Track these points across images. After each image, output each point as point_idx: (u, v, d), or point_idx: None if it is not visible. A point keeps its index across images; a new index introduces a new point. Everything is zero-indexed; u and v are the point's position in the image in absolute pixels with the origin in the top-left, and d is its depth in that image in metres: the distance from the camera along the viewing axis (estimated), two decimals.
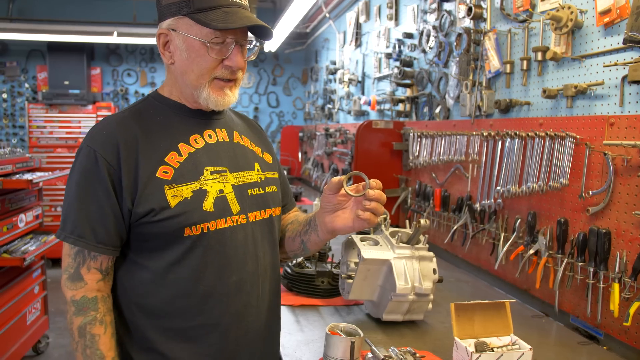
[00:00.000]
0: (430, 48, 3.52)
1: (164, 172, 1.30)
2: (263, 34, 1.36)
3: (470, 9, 2.82)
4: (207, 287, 1.33)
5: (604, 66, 1.98)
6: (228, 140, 1.46)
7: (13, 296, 3.73)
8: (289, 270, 2.42)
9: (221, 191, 1.35)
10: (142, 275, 1.33)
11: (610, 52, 1.97)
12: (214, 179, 1.36)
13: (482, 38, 2.79)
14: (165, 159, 1.32)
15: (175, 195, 1.29)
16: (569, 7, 2.10)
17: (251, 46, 1.39)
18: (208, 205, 1.32)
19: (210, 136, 1.42)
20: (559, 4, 2.19)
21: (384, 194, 1.33)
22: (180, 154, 1.34)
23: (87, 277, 1.29)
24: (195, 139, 1.39)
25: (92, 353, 1.27)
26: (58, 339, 4.60)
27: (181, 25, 1.32)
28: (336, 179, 1.34)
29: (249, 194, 1.42)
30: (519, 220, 2.39)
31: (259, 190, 1.45)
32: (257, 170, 1.48)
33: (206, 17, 1.28)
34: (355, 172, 1.36)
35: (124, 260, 1.36)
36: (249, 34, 1.39)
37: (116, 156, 1.27)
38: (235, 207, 1.37)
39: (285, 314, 2.14)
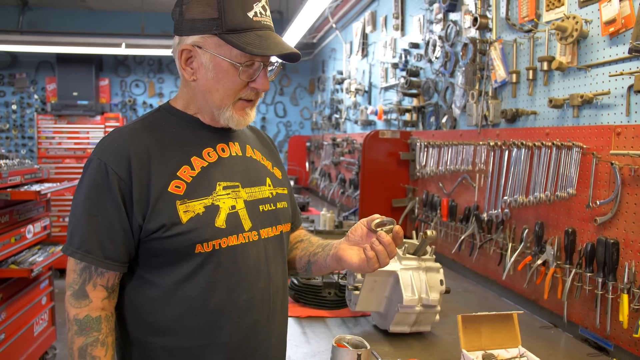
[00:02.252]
0: (436, 58, 3.53)
1: (176, 186, 1.27)
2: (291, 57, 1.34)
3: (475, 19, 2.83)
4: (217, 306, 1.30)
5: (610, 76, 1.98)
6: (241, 155, 1.43)
7: (21, 307, 3.74)
8: (295, 281, 2.42)
9: (233, 207, 1.32)
10: (151, 291, 1.30)
11: (615, 61, 1.97)
12: (227, 194, 1.33)
13: (487, 48, 2.79)
14: (178, 173, 1.29)
15: (187, 210, 1.26)
16: (574, 17, 2.10)
17: (273, 67, 1.37)
18: (220, 221, 1.29)
19: (223, 150, 1.39)
20: (564, 14, 2.19)
21: (395, 251, 1.31)
22: (192, 168, 1.31)
23: (93, 295, 1.26)
24: (208, 153, 1.35)
25: None
26: (65, 350, 4.59)
27: (209, 43, 1.28)
28: (378, 217, 1.34)
29: (261, 210, 1.39)
30: (526, 230, 2.38)
31: (271, 206, 1.42)
32: (269, 185, 1.45)
33: (239, 40, 1.25)
34: (391, 220, 1.34)
35: (133, 276, 1.33)
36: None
37: (127, 170, 1.25)
38: (247, 224, 1.34)
39: (291, 325, 2.14)
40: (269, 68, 1.36)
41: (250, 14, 1.27)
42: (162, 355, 1.31)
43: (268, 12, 1.33)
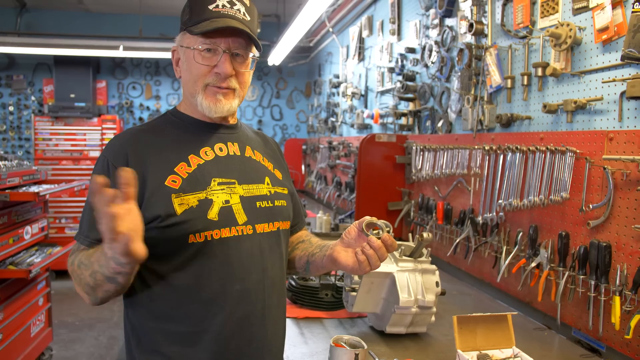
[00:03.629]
0: (432, 63, 3.57)
1: (173, 181, 1.36)
2: (255, 43, 1.43)
3: (471, 25, 2.87)
4: (210, 294, 1.37)
5: (603, 82, 2.02)
6: (239, 154, 1.51)
7: (18, 308, 3.74)
8: (293, 282, 2.45)
9: (227, 202, 1.40)
10: (150, 279, 1.38)
11: (608, 68, 2.01)
12: (221, 189, 1.40)
13: (483, 53, 2.83)
14: (175, 169, 1.38)
15: (182, 203, 1.34)
16: (568, 24, 2.15)
17: (246, 57, 1.44)
18: (212, 214, 1.36)
19: (221, 149, 1.48)
20: (558, 21, 2.23)
21: (386, 254, 1.36)
22: (189, 165, 1.40)
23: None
24: (205, 151, 1.44)
25: None
26: (61, 351, 4.61)
27: (183, 39, 1.44)
28: (368, 219, 1.39)
29: (257, 206, 1.45)
30: (520, 234, 2.41)
31: (268, 203, 1.48)
32: (267, 184, 1.51)
33: (196, 28, 1.38)
34: (385, 223, 1.38)
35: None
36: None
37: (125, 164, 1.35)
38: (241, 218, 1.41)
39: (289, 326, 2.16)
40: (249, 59, 1.44)
41: (211, 7, 1.40)
42: (162, 339, 1.38)
43: (238, 7, 1.43)
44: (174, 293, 1.37)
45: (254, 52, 1.46)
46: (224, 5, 1.40)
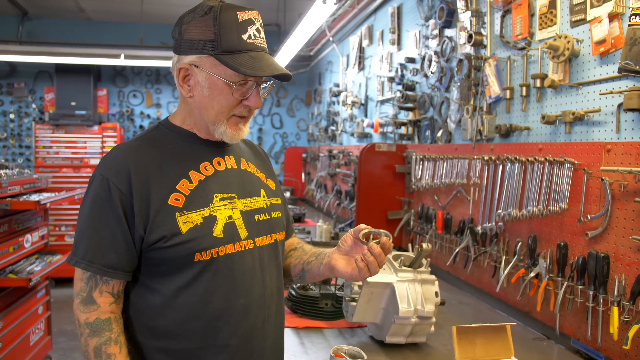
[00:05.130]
0: (432, 73, 3.59)
1: (176, 199, 1.35)
2: (283, 77, 1.40)
3: (470, 36, 2.89)
4: (216, 310, 1.37)
5: (600, 94, 2.04)
6: (236, 167, 1.50)
7: (17, 316, 3.74)
8: (293, 292, 2.45)
9: (230, 217, 1.40)
10: (153, 298, 1.37)
11: (606, 80, 2.03)
12: (223, 205, 1.40)
13: (482, 64, 2.85)
14: (177, 187, 1.36)
15: (186, 221, 1.33)
16: (566, 37, 2.17)
17: (266, 85, 1.44)
18: (218, 231, 1.36)
19: (219, 163, 1.47)
20: (556, 33, 2.25)
21: (385, 260, 1.39)
22: (190, 182, 1.39)
23: (100, 301, 1.33)
24: (205, 167, 1.43)
25: None
26: None
27: (205, 63, 1.35)
28: (364, 227, 1.40)
29: (256, 220, 1.46)
30: (519, 244, 2.42)
31: (265, 216, 1.49)
32: (263, 196, 1.52)
33: (233, 61, 1.31)
34: (385, 233, 1.40)
35: (136, 284, 1.39)
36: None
37: (128, 184, 1.32)
38: (243, 233, 1.41)
39: (289, 336, 2.17)
40: (262, 86, 1.43)
41: (245, 37, 1.34)
42: (165, 357, 1.37)
43: (262, 34, 1.40)
44: (179, 311, 1.36)
45: (270, 81, 1.45)
46: (254, 35, 1.36)
